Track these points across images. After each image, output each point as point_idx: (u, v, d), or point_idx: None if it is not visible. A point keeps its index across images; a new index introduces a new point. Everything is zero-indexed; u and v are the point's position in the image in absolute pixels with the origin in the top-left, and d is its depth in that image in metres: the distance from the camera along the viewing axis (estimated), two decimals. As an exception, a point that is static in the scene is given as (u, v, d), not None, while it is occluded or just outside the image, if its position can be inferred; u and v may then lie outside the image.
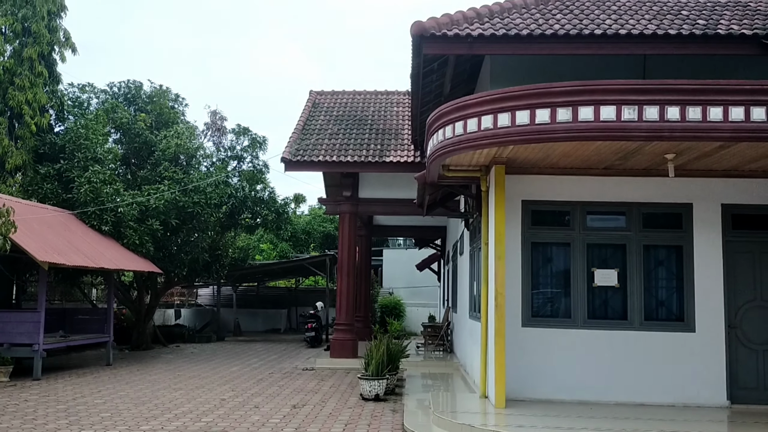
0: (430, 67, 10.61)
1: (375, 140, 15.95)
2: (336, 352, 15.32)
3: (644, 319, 9.25)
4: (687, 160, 8.43)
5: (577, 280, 9.39)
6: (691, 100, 7.02)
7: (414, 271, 28.62)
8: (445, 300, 21.89)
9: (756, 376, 9.12)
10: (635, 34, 8.81)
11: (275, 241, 33.66)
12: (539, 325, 9.32)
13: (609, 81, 7.21)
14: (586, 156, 8.54)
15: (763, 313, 9.22)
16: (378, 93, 19.44)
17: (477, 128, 7.70)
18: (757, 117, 6.95)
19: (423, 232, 22.64)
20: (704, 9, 9.75)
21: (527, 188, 9.49)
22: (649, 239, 9.41)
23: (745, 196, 9.30)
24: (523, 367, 9.12)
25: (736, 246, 9.30)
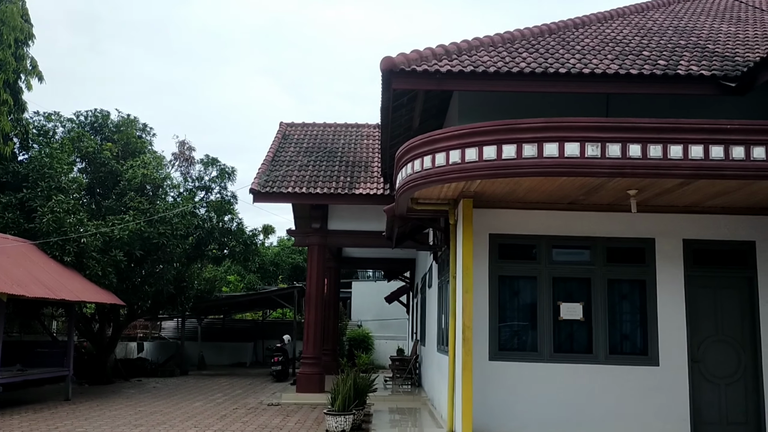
0: (400, 102, 10.73)
1: (345, 172, 16.00)
2: (302, 387, 15.10)
3: (609, 353, 9.33)
4: (649, 196, 8.62)
5: (543, 313, 9.45)
6: (652, 138, 7.21)
7: (383, 304, 28.51)
8: (413, 333, 21.80)
9: (718, 411, 9.22)
10: (598, 73, 9.05)
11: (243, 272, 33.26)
12: (506, 358, 9.33)
13: (573, 118, 7.37)
14: (552, 191, 8.68)
15: (724, 347, 9.37)
16: (348, 126, 19.56)
17: (445, 162, 7.79)
18: (716, 155, 7.15)
19: (392, 265, 22.64)
20: (665, 50, 10.08)
21: (494, 222, 9.59)
22: (613, 273, 9.54)
23: (706, 232, 9.53)
24: (490, 401, 9.10)
25: (697, 281, 9.49)
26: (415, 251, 18.09)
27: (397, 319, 29.09)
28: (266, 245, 35.39)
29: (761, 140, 7.11)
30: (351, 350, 25.05)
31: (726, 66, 9.37)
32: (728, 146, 7.14)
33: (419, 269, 18.98)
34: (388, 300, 27.47)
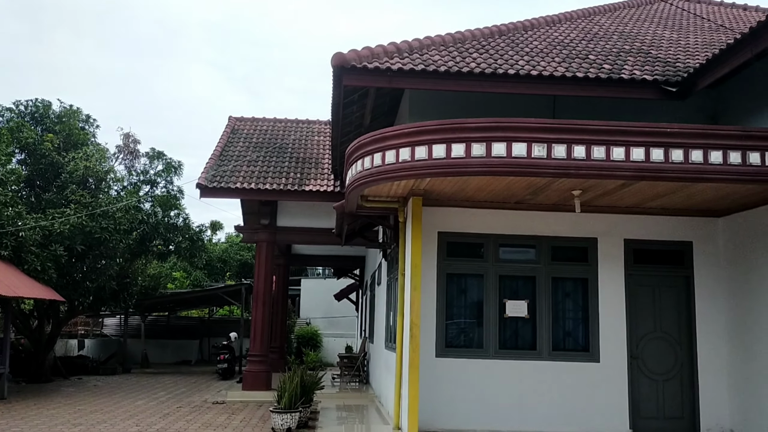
0: (351, 98, 10.70)
1: (295, 168, 15.88)
2: (249, 385, 14.93)
3: (552, 350, 9.53)
4: (592, 196, 8.82)
5: (489, 310, 9.58)
6: (596, 140, 7.37)
7: (332, 301, 28.43)
8: (362, 330, 21.82)
9: (656, 406, 9.53)
10: (546, 75, 9.22)
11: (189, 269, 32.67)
12: (453, 355, 9.43)
13: (520, 119, 7.48)
14: (499, 190, 8.80)
15: (662, 344, 9.68)
16: (299, 121, 19.42)
17: (395, 160, 7.80)
18: (656, 158, 7.37)
19: (342, 262, 22.59)
20: (610, 54, 10.34)
21: (443, 220, 9.67)
22: (558, 272, 9.75)
23: (646, 232, 9.83)
24: (437, 397, 9.17)
25: (637, 279, 9.78)
26: (365, 249, 18.08)
27: (347, 316, 29.06)
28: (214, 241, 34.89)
29: (699, 144, 7.36)
30: (299, 348, 24.90)
31: (668, 71, 9.67)
32: (668, 149, 7.37)
33: (369, 267, 18.99)
34: (337, 297, 27.41)
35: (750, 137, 7.41)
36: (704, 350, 9.62)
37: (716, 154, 7.36)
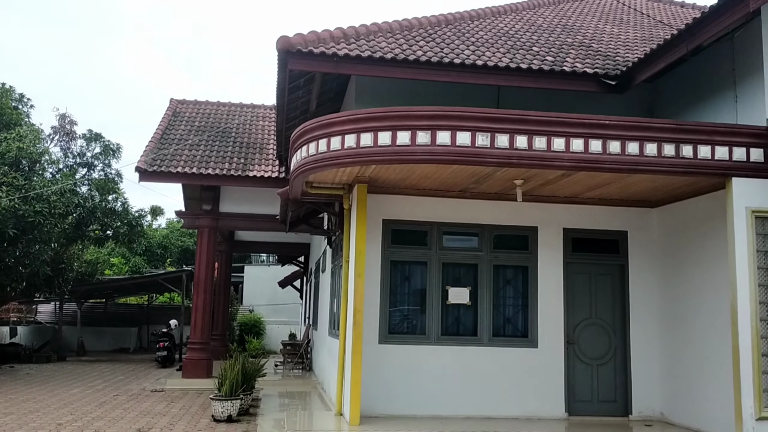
0: (296, 83, 10.59)
1: (238, 153, 15.63)
2: (189, 372, 14.70)
3: (492, 336, 9.72)
4: (534, 186, 9.01)
5: (432, 297, 9.69)
6: (537, 131, 7.52)
7: (276, 289, 28.22)
8: (306, 318, 21.75)
9: (590, 390, 9.84)
10: (491, 65, 9.33)
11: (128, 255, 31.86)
12: (396, 341, 9.50)
13: (465, 108, 7.55)
14: (444, 178, 8.88)
15: (597, 330, 10.00)
16: (243, 106, 19.10)
17: (340, 146, 7.77)
18: (594, 149, 7.57)
19: (286, 249, 22.42)
20: (553, 47, 10.53)
21: (388, 207, 9.70)
22: (499, 259, 9.93)
23: (584, 221, 10.10)
24: (379, 383, 9.24)
25: (575, 267, 10.05)
26: (309, 236, 18.01)
27: (291, 304, 28.91)
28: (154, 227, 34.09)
29: (635, 136, 7.60)
30: (242, 335, 24.65)
31: (607, 65, 9.93)
32: (606, 141, 7.58)
33: (314, 254, 18.91)
34: (281, 285, 27.22)
35: (683, 131, 7.69)
36: (637, 336, 9.98)
37: (651, 147, 7.61)
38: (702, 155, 7.67)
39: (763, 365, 7.46)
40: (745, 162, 7.74)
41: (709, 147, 7.69)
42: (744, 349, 7.45)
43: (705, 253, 8.93)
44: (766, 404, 7.41)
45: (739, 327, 7.48)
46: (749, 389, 7.39)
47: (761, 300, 7.57)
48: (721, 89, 8.76)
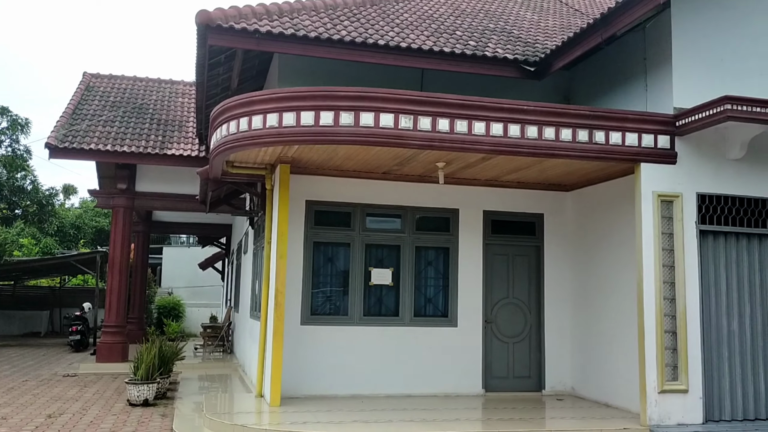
0: (217, 59, 10.31)
1: (156, 131, 15.11)
2: (103, 357, 14.22)
3: (414, 316, 9.87)
4: (455, 169, 9.16)
5: (355, 278, 9.73)
6: (459, 114, 7.63)
7: (197, 270, 27.60)
8: (228, 300, 21.42)
9: (506, 366, 10.18)
10: (414, 48, 9.38)
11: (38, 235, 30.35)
12: (318, 323, 9.50)
13: (388, 90, 7.57)
14: (367, 160, 8.89)
15: (513, 309, 10.32)
16: (162, 81, 18.43)
17: (262, 125, 7.64)
18: (513, 133, 7.76)
19: (207, 230, 21.93)
20: (475, 32, 10.68)
21: (311, 188, 9.64)
22: (421, 241, 10.07)
23: (503, 204, 10.36)
24: (301, 364, 9.23)
25: (494, 249, 10.32)
26: (231, 216, 17.69)
27: (212, 286, 28.36)
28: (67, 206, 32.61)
29: (551, 122, 7.83)
30: (160, 318, 24.02)
31: (527, 51, 10.16)
32: (524, 126, 7.78)
33: (235, 235, 18.61)
34: (202, 266, 26.65)
35: (596, 117, 7.99)
36: (551, 314, 10.37)
37: (566, 132, 7.87)
38: (613, 141, 8.00)
39: (666, 341, 7.92)
40: (653, 148, 8.14)
41: (620, 133, 8.03)
42: (649, 326, 7.88)
43: (614, 235, 9.35)
44: (668, 378, 7.88)
45: (645, 305, 7.90)
46: (653, 364, 7.83)
47: (665, 280, 8.01)
48: (633, 78, 9.14)
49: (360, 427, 7.30)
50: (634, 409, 8.35)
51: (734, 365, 8.23)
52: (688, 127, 8.04)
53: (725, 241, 8.41)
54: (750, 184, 8.44)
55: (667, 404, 7.80)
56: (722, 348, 8.21)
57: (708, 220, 8.32)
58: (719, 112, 7.56)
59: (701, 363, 8.00)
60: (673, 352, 7.94)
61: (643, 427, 7.70)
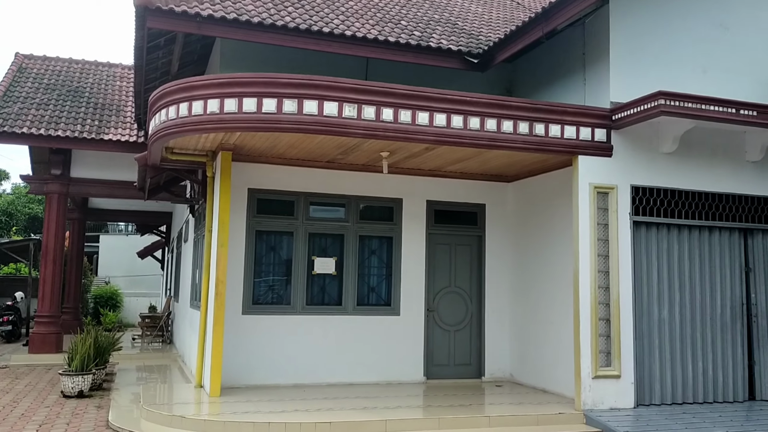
0: (156, 43, 10.03)
1: (92, 115, 14.62)
2: (36, 347, 13.74)
3: (357, 305, 9.90)
4: (399, 158, 9.19)
5: (298, 268, 9.68)
6: (403, 104, 7.66)
7: (135, 259, 26.89)
8: (168, 289, 20.99)
9: (447, 354, 10.32)
10: (359, 36, 9.34)
11: (-34, 222, 29.05)
12: (260, 312, 9.42)
13: (332, 78, 7.52)
14: (311, 148, 8.83)
15: (455, 297, 10.47)
16: (99, 64, 17.80)
17: (203, 111, 7.48)
18: (456, 124, 7.84)
19: (146, 218, 21.37)
20: (420, 22, 10.71)
21: (254, 176, 9.52)
22: (365, 230, 10.08)
23: (446, 194, 10.47)
24: (242, 354, 9.14)
25: (436, 238, 10.43)
26: (171, 204, 17.29)
27: (151, 275, 27.73)
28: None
29: (493, 114, 7.95)
30: (97, 308, 23.37)
31: (471, 43, 10.26)
32: (467, 117, 7.87)
33: (176, 223, 18.22)
34: (141, 255, 26.00)
35: (536, 110, 8.15)
36: (491, 303, 10.56)
37: (508, 124, 8.01)
38: (553, 134, 8.18)
39: (600, 329, 8.19)
40: (590, 141, 8.36)
41: (559, 126, 8.22)
42: (584, 314, 8.12)
43: (552, 225, 9.58)
44: (601, 364, 8.15)
45: (580, 293, 8.14)
46: (587, 350, 8.09)
47: (600, 269, 8.27)
48: (572, 72, 9.35)
49: (301, 416, 7.29)
50: (570, 395, 8.60)
51: (664, 352, 8.58)
52: (623, 121, 8.29)
53: (657, 231, 8.73)
54: (681, 177, 8.78)
55: (600, 389, 8.08)
56: (653, 335, 8.54)
57: (641, 211, 8.62)
58: (653, 107, 7.82)
59: (633, 349, 8.31)
60: (607, 339, 8.21)
61: (577, 411, 7.95)
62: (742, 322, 9.02)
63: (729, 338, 8.93)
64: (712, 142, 8.90)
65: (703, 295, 8.87)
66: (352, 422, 7.14)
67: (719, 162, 8.97)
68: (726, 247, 9.08)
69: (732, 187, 9.03)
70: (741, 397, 8.90)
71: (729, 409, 8.46)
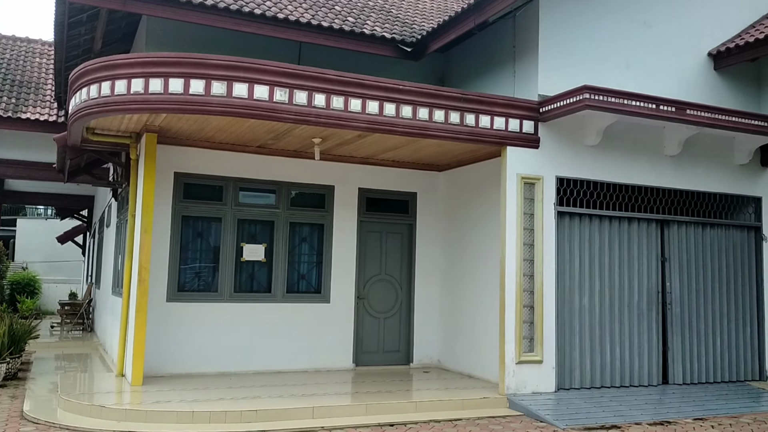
0: (78, 18, 9.59)
1: (9, 92, 13.90)
2: (-56, 337, 12.99)
3: (287, 292, 9.81)
4: (332, 145, 9.13)
5: (226, 254, 9.50)
6: (335, 90, 7.60)
7: (55, 244, 25.78)
8: (89, 276, 20.23)
9: (377, 341, 10.38)
10: (292, 20, 9.20)
11: None
12: (185, 299, 9.20)
13: (264, 61, 7.38)
14: (241, 133, 8.65)
15: (385, 285, 10.52)
16: (17, 39, 16.89)
17: (126, 91, 7.21)
18: (389, 112, 7.84)
19: (67, 201, 20.47)
20: (354, 8, 10.64)
21: (181, 160, 9.26)
22: (296, 217, 9.98)
23: (378, 182, 10.48)
24: (166, 342, 8.92)
25: (368, 226, 10.44)
26: (94, 187, 16.65)
27: (72, 261, 26.66)
28: None
29: (425, 103, 7.99)
30: (13, 295, 22.31)
31: (405, 31, 10.28)
32: (399, 105, 7.89)
33: (98, 207, 17.55)
34: (61, 240, 24.94)
35: (467, 100, 8.25)
36: (420, 290, 10.67)
37: (439, 113, 8.07)
38: (483, 124, 8.30)
39: (524, 315, 8.41)
40: (519, 133, 8.54)
41: (489, 117, 8.35)
42: (509, 301, 8.32)
43: (481, 214, 9.75)
44: (525, 350, 8.38)
45: (506, 281, 8.33)
46: (512, 336, 8.29)
47: (525, 257, 8.48)
48: (503, 64, 9.51)
49: (227, 404, 7.18)
50: (495, 380, 8.81)
51: (584, 338, 8.90)
52: (550, 114, 8.50)
53: (580, 222, 9.02)
54: (603, 170, 9.09)
55: (523, 374, 8.31)
56: (574, 322, 8.84)
57: (565, 202, 8.88)
58: (578, 100, 8.05)
59: (555, 336, 8.58)
60: (531, 325, 8.44)
61: (501, 396, 8.16)
62: (657, 310, 9.45)
63: (645, 325, 9.33)
64: (634, 136, 9.24)
65: (621, 283, 9.23)
66: (278, 410, 7.09)
67: (640, 155, 9.33)
68: (644, 238, 9.47)
69: (651, 180, 9.41)
70: (655, 381, 9.33)
71: (644, 393, 8.87)
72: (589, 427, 7.36)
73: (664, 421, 7.76)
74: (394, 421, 7.22)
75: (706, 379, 9.66)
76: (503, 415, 7.75)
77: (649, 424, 7.58)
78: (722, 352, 9.83)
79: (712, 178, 9.84)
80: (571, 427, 7.29)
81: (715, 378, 9.73)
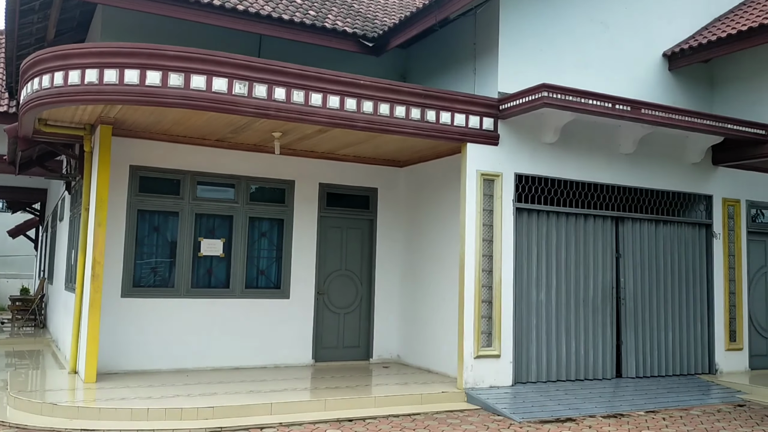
0: (31, 5, 9.31)
1: (-44, 81, 13.39)
2: None
3: (245, 288, 9.70)
4: (292, 140, 9.06)
5: (183, 249, 9.35)
6: (296, 84, 7.53)
7: (6, 238, 25.08)
8: (42, 270, 19.71)
9: (336, 337, 10.36)
10: (252, 12, 9.09)
11: None
12: (141, 295, 9.03)
13: (222, 53, 7.27)
14: (199, 126, 8.52)
15: (345, 280, 10.50)
16: (-35, 25, 16.32)
17: (80, 81, 7.02)
18: (349, 107, 7.81)
19: (19, 194, 19.84)
20: (316, 2, 10.56)
21: (137, 153, 9.07)
22: (255, 212, 9.88)
23: (339, 177, 10.44)
24: (120, 339, 8.75)
25: (328, 221, 10.40)
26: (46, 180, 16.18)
27: (24, 255, 25.96)
28: None
29: (387, 98, 7.99)
30: (-39, 291, 21.62)
31: (366, 26, 10.25)
32: (360, 100, 7.86)
33: (51, 200, 17.09)
34: (12, 234, 24.26)
35: (428, 96, 8.27)
36: (381, 286, 10.68)
37: (401, 109, 8.08)
38: (443, 121, 8.34)
39: (483, 310, 8.49)
40: (479, 129, 8.60)
41: (449, 113, 8.39)
42: (468, 296, 8.39)
43: (441, 210, 9.80)
44: (483, 344, 8.47)
45: (465, 276, 8.40)
46: (470, 332, 8.37)
47: (484, 253, 8.56)
48: (464, 61, 9.57)
49: (183, 401, 7.07)
50: (453, 374, 8.88)
51: (541, 332, 9.03)
52: (509, 111, 8.58)
53: (537, 218, 9.14)
54: (561, 167, 9.22)
55: (481, 369, 8.39)
56: (531, 317, 8.96)
57: (524, 198, 8.99)
58: (537, 98, 8.14)
59: (512, 330, 8.69)
60: (489, 320, 8.53)
61: (459, 390, 8.23)
62: (611, 305, 9.64)
63: (600, 320, 9.52)
64: (591, 134, 9.40)
65: (577, 279, 9.40)
66: (236, 406, 7.02)
67: (596, 153, 9.50)
68: (599, 234, 9.65)
69: (606, 178, 9.60)
70: (609, 374, 9.53)
71: (598, 386, 9.05)
72: (544, 420, 7.48)
73: (617, 413, 7.94)
74: (353, 416, 7.21)
75: (658, 372, 9.91)
76: (461, 409, 7.82)
77: (603, 417, 7.74)
78: (674, 346, 10.09)
79: (665, 176, 10.08)
80: (527, 420, 7.39)
81: (667, 372, 9.98)
